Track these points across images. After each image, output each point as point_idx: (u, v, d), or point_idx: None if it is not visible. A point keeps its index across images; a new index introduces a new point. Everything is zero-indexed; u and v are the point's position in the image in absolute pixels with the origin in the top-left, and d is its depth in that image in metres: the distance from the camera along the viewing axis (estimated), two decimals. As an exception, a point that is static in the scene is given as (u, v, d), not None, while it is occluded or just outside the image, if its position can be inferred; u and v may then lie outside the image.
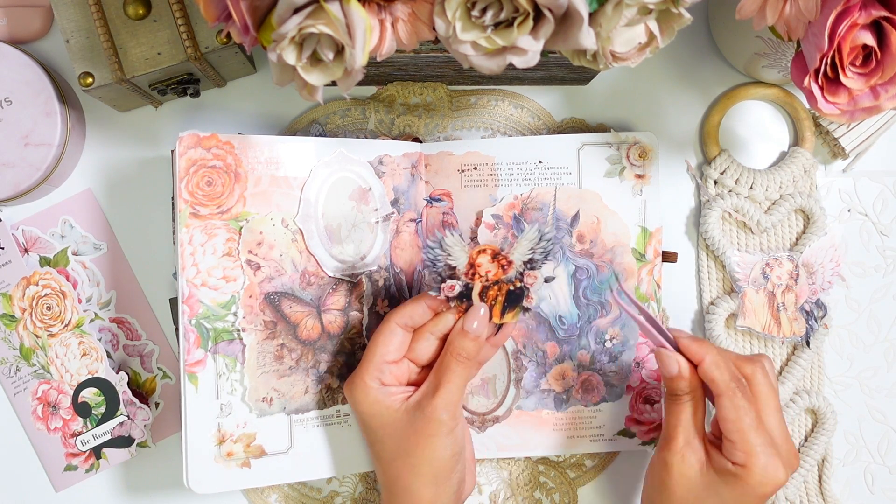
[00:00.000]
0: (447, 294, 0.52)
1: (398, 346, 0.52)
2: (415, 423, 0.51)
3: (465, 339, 0.52)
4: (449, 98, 0.62)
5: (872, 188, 0.63)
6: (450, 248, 0.53)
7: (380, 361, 0.52)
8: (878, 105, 0.45)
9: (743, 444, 0.48)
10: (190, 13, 0.52)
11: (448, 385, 0.51)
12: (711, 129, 0.62)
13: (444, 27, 0.39)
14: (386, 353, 0.52)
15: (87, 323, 0.58)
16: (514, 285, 0.53)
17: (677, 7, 0.40)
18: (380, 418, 0.52)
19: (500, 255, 0.53)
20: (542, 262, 0.54)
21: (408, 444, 0.51)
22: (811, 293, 0.60)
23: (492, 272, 0.52)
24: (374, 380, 0.52)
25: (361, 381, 0.52)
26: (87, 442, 0.57)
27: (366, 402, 0.52)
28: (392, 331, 0.52)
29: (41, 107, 0.55)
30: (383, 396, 0.52)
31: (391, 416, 0.51)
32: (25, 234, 0.59)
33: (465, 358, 0.51)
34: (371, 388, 0.52)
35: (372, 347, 0.52)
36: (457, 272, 0.52)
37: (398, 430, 0.51)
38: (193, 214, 0.53)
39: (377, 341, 0.52)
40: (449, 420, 0.50)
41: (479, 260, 0.53)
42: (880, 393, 0.63)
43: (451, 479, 0.52)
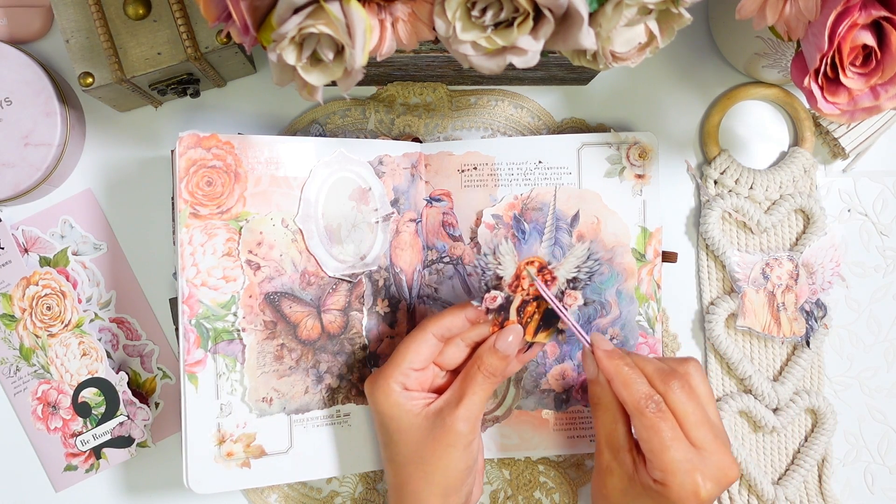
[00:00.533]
0: (488, 305, 0.52)
1: (428, 354, 0.52)
2: (434, 431, 0.50)
3: (494, 356, 0.51)
4: (449, 98, 0.62)
5: (872, 188, 0.63)
6: (502, 257, 0.52)
7: (407, 367, 0.52)
8: (878, 105, 0.45)
9: (658, 462, 0.47)
10: (190, 13, 0.52)
11: (472, 397, 0.51)
12: (711, 129, 0.62)
13: (444, 27, 0.39)
14: (414, 360, 0.52)
15: (87, 323, 0.58)
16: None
17: (677, 7, 0.40)
18: (398, 422, 0.51)
19: (546, 270, 0.53)
20: (585, 283, 0.53)
21: (424, 452, 0.51)
22: (811, 293, 0.60)
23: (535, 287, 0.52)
24: (397, 383, 0.51)
25: (385, 382, 0.51)
26: (87, 442, 0.57)
27: (386, 403, 0.51)
28: (426, 340, 0.52)
29: (41, 107, 0.55)
30: (404, 400, 0.51)
31: (410, 420, 0.51)
32: (25, 234, 0.59)
33: (492, 374, 0.51)
34: (394, 390, 0.51)
35: (402, 352, 0.52)
36: (502, 283, 0.52)
37: (415, 436, 0.51)
38: (193, 214, 0.53)
39: (409, 347, 0.52)
40: (468, 433, 0.50)
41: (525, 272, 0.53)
42: (880, 393, 0.63)
43: (461, 491, 0.51)
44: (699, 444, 0.47)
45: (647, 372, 0.49)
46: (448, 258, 0.59)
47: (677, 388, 0.48)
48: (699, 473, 0.46)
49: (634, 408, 0.48)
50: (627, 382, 0.48)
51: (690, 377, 0.50)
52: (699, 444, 0.47)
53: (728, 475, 0.47)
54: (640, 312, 0.59)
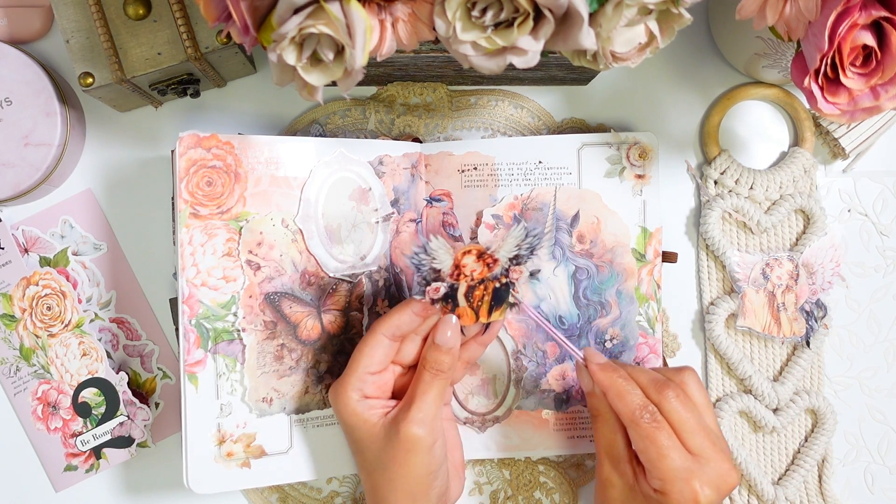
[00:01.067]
0: (432, 297, 0.52)
1: (382, 357, 0.52)
2: (392, 439, 0.50)
3: (438, 352, 0.51)
4: (449, 98, 0.62)
5: (872, 188, 0.63)
6: (434, 252, 0.52)
7: (362, 373, 0.51)
8: (878, 105, 0.45)
9: (656, 472, 0.47)
10: (190, 13, 0.52)
11: (423, 399, 0.50)
12: (711, 129, 0.62)
13: (444, 27, 0.39)
14: (370, 364, 0.51)
15: (87, 323, 0.58)
16: (500, 282, 0.53)
17: (677, 7, 0.40)
18: (359, 431, 0.51)
19: (486, 255, 0.53)
20: (527, 258, 0.53)
21: (385, 459, 0.50)
22: (811, 293, 0.60)
23: (477, 271, 0.52)
24: (355, 391, 0.51)
25: (343, 391, 0.51)
26: (87, 442, 0.57)
27: (345, 412, 0.51)
28: (378, 342, 0.51)
29: (41, 107, 0.55)
30: (362, 409, 0.51)
31: (369, 430, 0.51)
32: (25, 234, 0.59)
33: (440, 371, 0.51)
34: (352, 399, 0.51)
35: (356, 357, 0.52)
36: (441, 275, 0.52)
37: (376, 444, 0.51)
38: (193, 214, 0.53)
39: (362, 352, 0.51)
40: (426, 436, 0.50)
41: (464, 260, 0.53)
42: (880, 393, 0.63)
43: (429, 494, 0.51)
44: (696, 451, 0.47)
45: (642, 382, 0.49)
46: (448, 258, 0.59)
47: (672, 397, 0.48)
48: (697, 481, 0.47)
49: (629, 418, 0.48)
50: (622, 394, 0.48)
51: (686, 386, 0.50)
52: (696, 451, 0.47)
53: (727, 481, 0.47)
54: (640, 312, 0.59)
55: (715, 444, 0.48)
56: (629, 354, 0.59)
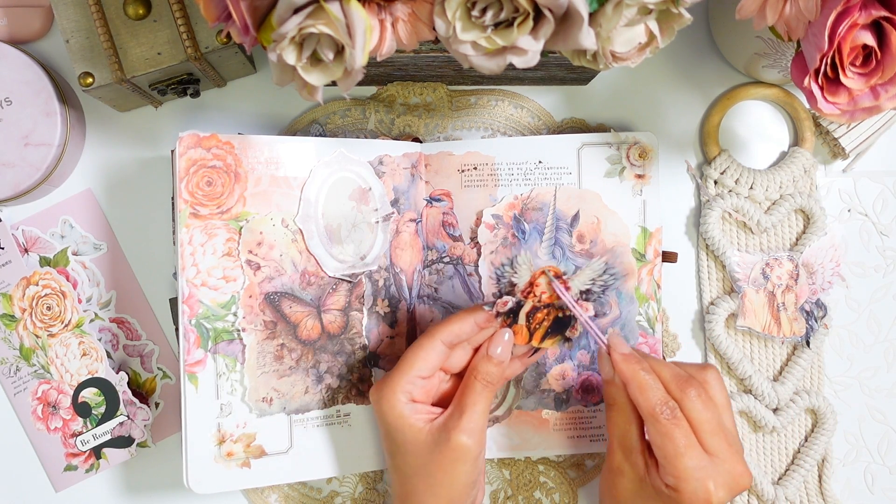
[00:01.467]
0: (499, 310, 0.52)
1: (436, 362, 0.51)
2: (439, 446, 0.50)
3: (489, 363, 0.51)
4: (449, 98, 0.62)
5: (872, 188, 0.63)
6: (519, 267, 0.53)
7: (414, 376, 0.51)
8: (878, 105, 0.45)
9: (671, 468, 0.47)
10: (190, 13, 0.52)
11: (473, 409, 0.50)
12: (711, 129, 0.62)
13: (444, 27, 0.39)
14: (422, 368, 0.51)
15: (87, 323, 0.58)
16: (564, 312, 0.53)
17: (677, 7, 0.40)
18: (403, 434, 0.51)
19: (561, 279, 0.53)
20: (598, 296, 0.53)
21: (430, 466, 0.50)
22: (811, 293, 0.60)
23: (546, 294, 0.53)
24: (404, 393, 0.51)
25: (392, 392, 0.51)
26: (87, 442, 0.57)
27: (391, 414, 0.51)
28: (434, 347, 0.51)
29: (41, 107, 0.55)
30: (410, 412, 0.51)
31: (415, 435, 0.50)
32: (25, 234, 0.59)
33: (489, 382, 0.51)
34: (399, 401, 0.51)
35: (409, 359, 0.51)
36: (515, 290, 0.52)
37: (421, 450, 0.50)
38: (193, 214, 0.53)
39: (416, 355, 0.51)
40: (474, 446, 0.50)
41: (539, 280, 0.53)
42: (880, 393, 0.63)
43: (465, 502, 0.51)
44: (713, 451, 0.47)
45: (664, 377, 0.49)
46: (448, 258, 0.59)
47: (694, 396, 0.48)
48: (711, 481, 0.47)
49: (649, 413, 0.48)
50: (643, 387, 0.48)
51: (708, 385, 0.50)
52: (713, 451, 0.47)
53: (740, 483, 0.48)
54: (640, 312, 0.59)
55: (731, 445, 0.48)
56: (629, 354, 0.59)
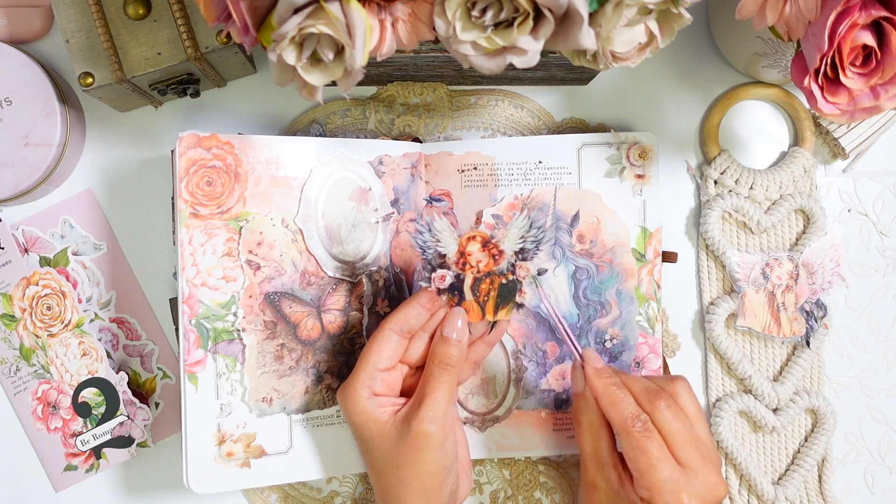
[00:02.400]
0: (438, 286, 0.51)
1: (392, 353, 0.51)
2: (403, 437, 0.50)
3: (447, 345, 0.51)
4: (449, 98, 0.62)
5: (872, 188, 0.63)
6: (439, 234, 0.52)
7: (372, 370, 0.51)
8: (878, 105, 0.45)
9: (644, 481, 0.47)
10: (190, 13, 0.52)
11: (433, 395, 0.50)
12: (711, 129, 0.62)
13: (444, 27, 0.39)
14: (379, 360, 0.51)
15: (87, 323, 0.58)
16: (507, 278, 0.52)
17: (677, 7, 0.40)
18: (369, 430, 0.51)
19: (491, 244, 0.52)
20: (533, 252, 0.53)
21: (397, 458, 0.50)
22: (811, 293, 0.60)
23: (483, 262, 0.52)
24: (365, 388, 0.51)
25: (353, 390, 0.51)
26: (87, 442, 0.57)
27: (355, 411, 0.51)
28: (387, 338, 0.51)
29: (41, 107, 0.55)
30: (373, 408, 0.51)
31: (380, 428, 0.50)
32: (25, 234, 0.59)
33: (449, 365, 0.50)
34: (361, 397, 0.51)
35: (365, 355, 0.51)
36: (447, 261, 0.51)
37: (387, 443, 0.50)
38: (193, 214, 0.53)
39: (371, 349, 0.51)
40: (438, 432, 0.49)
41: (469, 248, 0.52)
42: (880, 393, 0.63)
43: (441, 491, 0.51)
44: (686, 463, 0.47)
45: (635, 391, 0.49)
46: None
47: (664, 408, 0.48)
48: (685, 493, 0.47)
49: (621, 427, 0.48)
50: (615, 401, 0.48)
51: (679, 396, 0.50)
52: (686, 463, 0.47)
53: (714, 494, 0.47)
54: (640, 312, 0.59)
55: (705, 456, 0.48)
56: (629, 354, 0.59)
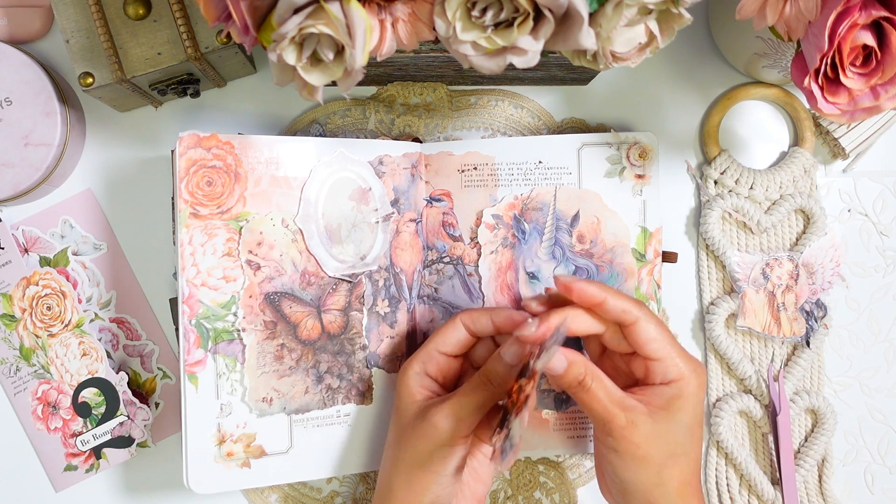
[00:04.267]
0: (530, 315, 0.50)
1: (454, 340, 0.53)
2: (418, 420, 0.50)
3: (496, 363, 0.50)
4: (449, 98, 0.62)
5: (872, 188, 0.63)
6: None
7: (433, 349, 0.52)
8: (878, 105, 0.45)
9: (671, 357, 0.49)
10: (190, 13, 0.52)
11: (461, 398, 0.50)
12: (711, 129, 0.62)
13: (444, 27, 0.39)
14: (441, 343, 0.53)
15: (87, 323, 0.58)
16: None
17: (677, 7, 0.40)
18: (401, 400, 0.52)
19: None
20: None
21: (403, 435, 0.51)
22: (811, 293, 0.60)
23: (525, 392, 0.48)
24: (419, 363, 0.52)
25: (410, 362, 0.53)
26: (87, 442, 0.57)
27: (401, 380, 0.53)
28: (455, 325, 0.53)
29: (41, 107, 0.55)
30: (415, 383, 0.52)
31: (408, 404, 0.52)
32: (25, 234, 0.59)
33: (488, 380, 0.50)
34: (413, 370, 0.52)
35: (432, 336, 0.53)
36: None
37: (405, 419, 0.51)
38: (193, 214, 0.53)
39: (438, 331, 0.53)
40: (446, 430, 0.49)
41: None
42: (880, 393, 0.63)
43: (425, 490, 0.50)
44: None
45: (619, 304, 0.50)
46: (448, 258, 0.59)
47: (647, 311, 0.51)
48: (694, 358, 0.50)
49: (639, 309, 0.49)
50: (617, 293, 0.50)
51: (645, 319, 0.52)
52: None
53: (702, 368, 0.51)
54: (640, 312, 0.59)
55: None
56: (629, 354, 0.59)
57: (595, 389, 0.49)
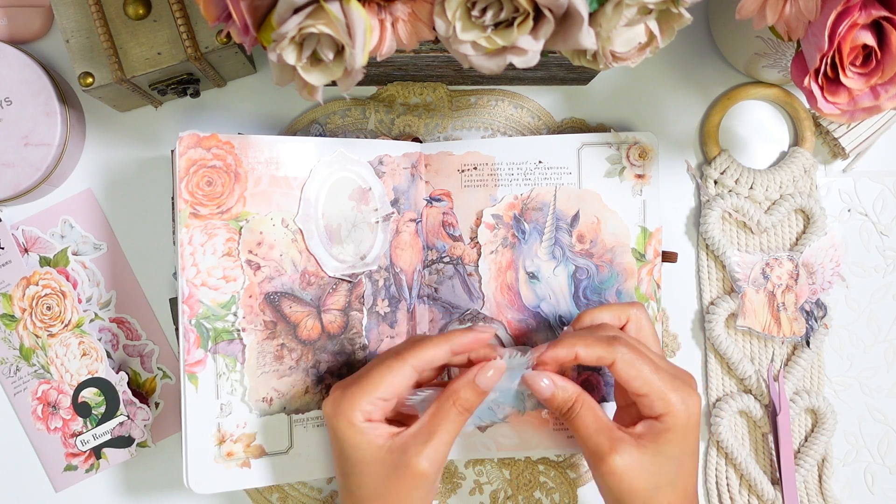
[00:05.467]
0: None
1: (401, 388, 0.48)
2: (398, 469, 0.47)
3: (471, 390, 0.48)
4: (449, 98, 0.62)
5: (872, 188, 0.63)
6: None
7: (376, 397, 0.48)
8: (878, 105, 0.45)
9: (656, 391, 0.47)
10: (190, 13, 0.52)
11: (442, 436, 0.47)
12: (711, 129, 0.62)
13: (444, 27, 0.39)
14: (386, 392, 0.48)
15: (87, 323, 0.58)
16: None
17: (677, 7, 0.40)
18: (362, 453, 0.48)
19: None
20: None
21: (387, 489, 0.47)
22: (811, 293, 0.60)
23: None
24: (362, 412, 0.48)
25: (350, 409, 0.48)
26: (87, 442, 0.57)
27: (350, 431, 0.48)
28: (402, 371, 0.48)
29: (41, 107, 0.55)
30: (369, 429, 0.48)
31: (374, 453, 0.47)
32: (25, 234, 0.59)
33: (466, 410, 0.48)
34: (357, 419, 0.48)
35: (374, 379, 0.48)
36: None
37: (377, 469, 0.47)
38: (193, 214, 0.53)
39: (382, 377, 0.48)
40: (434, 473, 0.47)
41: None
42: (880, 393, 0.63)
43: None
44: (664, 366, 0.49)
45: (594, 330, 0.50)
46: (448, 258, 0.59)
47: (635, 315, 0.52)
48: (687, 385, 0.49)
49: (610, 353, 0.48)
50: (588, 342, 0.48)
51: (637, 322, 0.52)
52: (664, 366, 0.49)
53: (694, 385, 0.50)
54: (640, 312, 0.59)
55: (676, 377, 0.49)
56: (629, 354, 0.59)
57: (583, 416, 0.49)
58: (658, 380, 0.48)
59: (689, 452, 0.49)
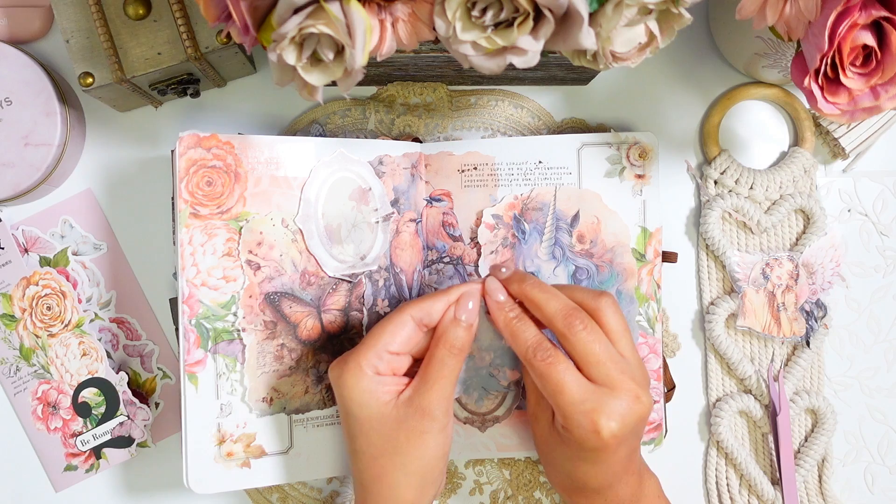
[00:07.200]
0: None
1: (405, 338, 0.48)
2: (407, 419, 0.47)
3: (457, 328, 0.48)
4: (449, 98, 0.62)
5: (872, 188, 0.63)
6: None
7: (381, 350, 0.48)
8: (878, 105, 0.45)
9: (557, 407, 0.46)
10: (190, 13, 0.52)
11: (442, 380, 0.48)
12: (711, 129, 0.62)
13: (444, 27, 0.39)
14: (391, 343, 0.48)
15: (87, 323, 0.58)
16: None
17: (677, 7, 0.40)
18: (368, 409, 0.48)
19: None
20: None
21: (397, 441, 0.47)
22: (811, 293, 0.60)
23: None
24: (370, 366, 0.47)
25: (356, 364, 0.47)
26: (87, 442, 0.57)
27: (356, 388, 0.47)
28: (403, 321, 0.48)
29: (41, 107, 0.55)
30: (376, 386, 0.48)
31: (380, 409, 0.47)
32: (25, 234, 0.59)
33: (459, 349, 0.48)
34: (365, 375, 0.47)
35: (377, 333, 0.48)
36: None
37: (387, 425, 0.48)
38: (193, 214, 0.53)
39: (384, 328, 0.48)
40: (442, 416, 0.48)
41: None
42: (880, 393, 0.63)
43: (438, 479, 0.50)
44: (601, 381, 0.46)
45: (550, 312, 0.47)
46: (448, 258, 0.59)
47: (579, 329, 0.46)
48: (599, 413, 0.45)
49: (524, 358, 0.47)
50: (515, 334, 0.48)
51: (601, 312, 0.48)
52: (601, 381, 0.46)
53: (634, 410, 0.45)
54: (640, 312, 0.59)
55: (624, 371, 0.46)
56: (629, 354, 0.59)
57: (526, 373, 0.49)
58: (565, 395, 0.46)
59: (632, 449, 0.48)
